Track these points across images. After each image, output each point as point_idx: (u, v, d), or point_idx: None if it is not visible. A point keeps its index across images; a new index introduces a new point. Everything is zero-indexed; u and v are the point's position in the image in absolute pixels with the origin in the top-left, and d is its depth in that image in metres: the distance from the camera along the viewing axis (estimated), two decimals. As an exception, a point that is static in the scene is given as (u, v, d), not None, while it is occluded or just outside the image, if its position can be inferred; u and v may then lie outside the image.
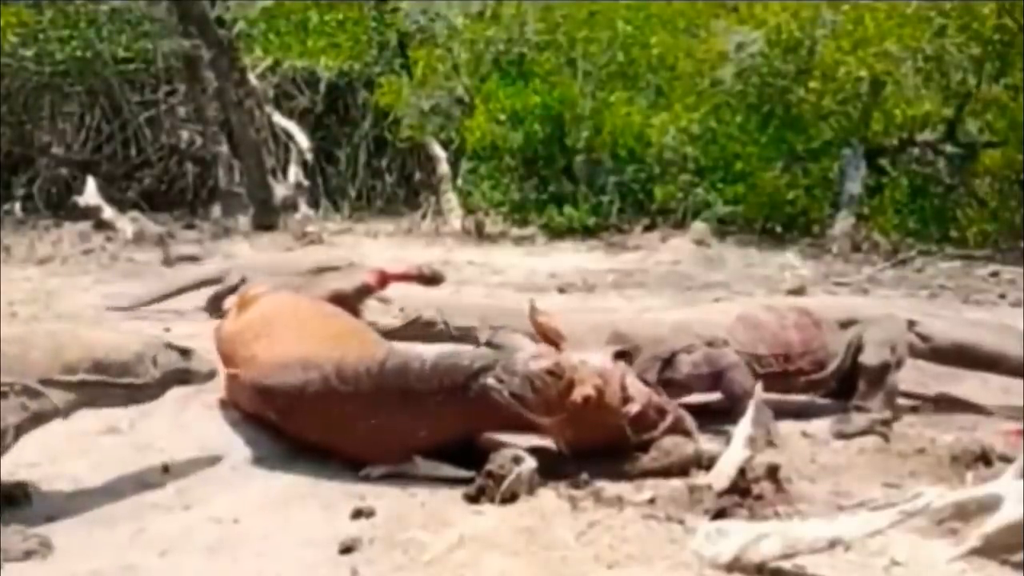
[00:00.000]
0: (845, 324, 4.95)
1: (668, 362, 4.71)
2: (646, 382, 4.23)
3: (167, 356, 3.92)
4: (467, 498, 3.72)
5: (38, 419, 3.61)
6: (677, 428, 4.13)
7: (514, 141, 12.86)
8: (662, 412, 4.12)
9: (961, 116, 12.43)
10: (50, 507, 3.73)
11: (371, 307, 5.86)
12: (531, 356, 4.02)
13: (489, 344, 5.19)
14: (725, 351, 4.75)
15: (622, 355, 4.17)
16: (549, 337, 4.25)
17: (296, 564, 3.28)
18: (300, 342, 4.30)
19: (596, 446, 3.99)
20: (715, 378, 4.72)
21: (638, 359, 4.57)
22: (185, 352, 4.03)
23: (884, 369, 4.80)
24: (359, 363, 4.05)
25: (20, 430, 3.56)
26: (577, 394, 3.88)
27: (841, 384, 5.08)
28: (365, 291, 6.03)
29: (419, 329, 5.31)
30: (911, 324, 5.00)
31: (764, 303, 5.66)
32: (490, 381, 3.88)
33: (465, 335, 5.29)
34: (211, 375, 4.16)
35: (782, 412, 4.78)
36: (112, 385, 3.74)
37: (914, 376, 5.19)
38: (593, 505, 3.63)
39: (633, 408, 4.01)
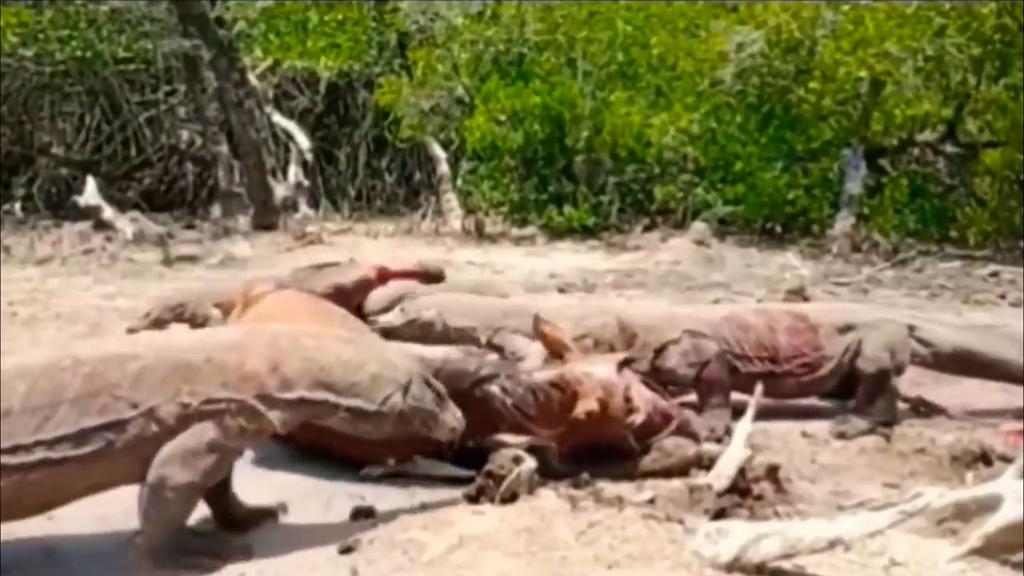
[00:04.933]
0: (845, 329, 4.95)
1: (659, 351, 4.77)
2: (651, 386, 4.22)
3: (421, 391, 3.40)
4: (467, 498, 3.70)
5: (254, 439, 3.30)
6: (682, 431, 4.12)
7: (514, 141, 12.87)
8: (667, 417, 4.11)
9: (961, 116, 12.45)
10: (50, 507, 3.71)
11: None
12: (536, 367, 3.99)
13: (489, 345, 5.20)
14: (709, 343, 4.81)
15: (626, 363, 4.15)
16: (554, 348, 4.23)
17: (296, 564, 3.28)
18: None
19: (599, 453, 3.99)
20: (698, 368, 4.78)
21: (635, 346, 4.66)
22: (442, 397, 3.48)
23: (883, 376, 4.81)
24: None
25: (235, 454, 3.26)
26: (580, 409, 3.85)
27: (842, 386, 5.10)
28: (365, 286, 6.02)
29: (418, 328, 5.30)
30: (911, 329, 4.99)
31: (758, 306, 5.67)
32: (494, 390, 3.87)
33: (464, 335, 5.29)
34: (452, 434, 3.52)
35: (780, 414, 4.80)
36: (336, 406, 3.28)
37: (912, 376, 5.18)
38: (593, 505, 3.62)
39: (637, 419, 3.98)
